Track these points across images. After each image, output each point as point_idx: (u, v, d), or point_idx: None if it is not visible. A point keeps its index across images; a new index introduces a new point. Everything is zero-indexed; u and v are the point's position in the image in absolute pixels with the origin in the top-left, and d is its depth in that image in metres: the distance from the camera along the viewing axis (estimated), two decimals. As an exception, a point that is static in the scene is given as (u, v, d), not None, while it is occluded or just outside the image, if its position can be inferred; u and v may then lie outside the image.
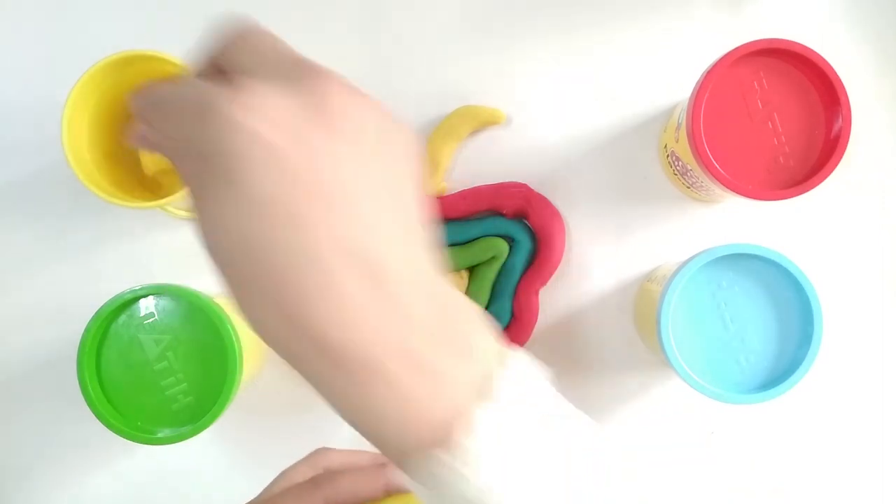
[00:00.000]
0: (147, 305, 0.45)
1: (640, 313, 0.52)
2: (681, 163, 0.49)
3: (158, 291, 0.45)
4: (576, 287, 0.54)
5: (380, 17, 0.54)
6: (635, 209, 0.54)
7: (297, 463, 0.41)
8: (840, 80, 0.43)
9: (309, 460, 0.41)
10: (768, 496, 0.53)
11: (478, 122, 0.53)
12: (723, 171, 0.44)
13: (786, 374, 0.44)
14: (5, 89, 0.54)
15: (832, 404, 0.53)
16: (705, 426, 0.53)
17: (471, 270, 0.53)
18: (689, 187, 0.51)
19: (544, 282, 0.52)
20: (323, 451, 0.42)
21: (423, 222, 0.26)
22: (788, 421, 0.53)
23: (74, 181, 0.45)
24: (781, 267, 0.44)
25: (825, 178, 0.43)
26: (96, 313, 0.45)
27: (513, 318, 0.52)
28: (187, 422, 0.45)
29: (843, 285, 0.53)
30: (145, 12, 0.54)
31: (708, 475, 0.53)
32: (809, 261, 0.46)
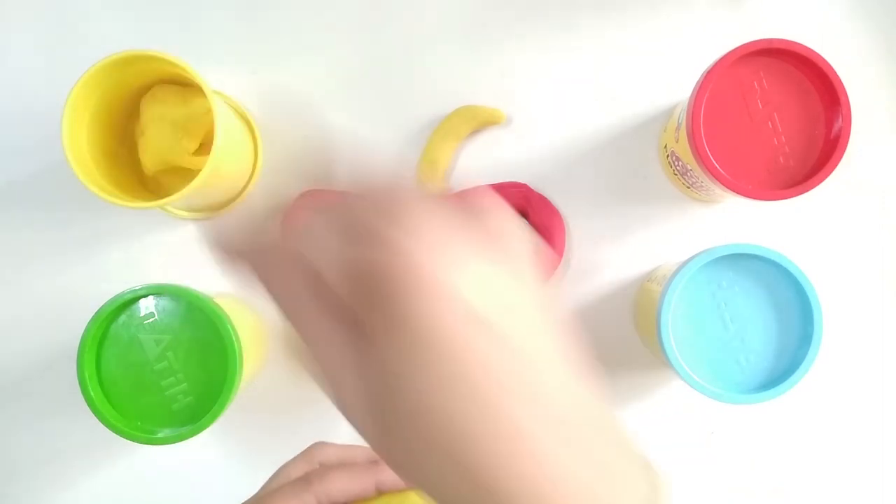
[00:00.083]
0: (147, 305, 0.45)
1: (640, 313, 0.52)
2: (681, 163, 0.49)
3: (158, 291, 0.45)
4: (576, 287, 0.54)
5: (380, 17, 0.54)
6: (635, 209, 0.54)
7: (293, 458, 0.41)
8: (840, 80, 0.43)
9: (305, 455, 0.41)
10: (768, 496, 0.53)
11: (478, 122, 0.53)
12: (723, 171, 0.44)
13: (786, 374, 0.44)
14: (5, 89, 0.54)
15: (832, 404, 0.53)
16: (705, 426, 0.53)
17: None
18: (689, 187, 0.51)
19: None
20: (319, 446, 0.42)
21: (571, 334, 0.24)
22: (788, 421, 0.53)
23: (74, 181, 0.45)
24: (781, 267, 0.44)
25: (825, 178, 0.43)
26: (96, 313, 0.45)
27: (513, 318, 0.52)
28: (187, 422, 0.45)
29: (843, 285, 0.53)
30: (145, 12, 0.54)
31: (708, 475, 0.53)
32: (809, 261, 0.46)
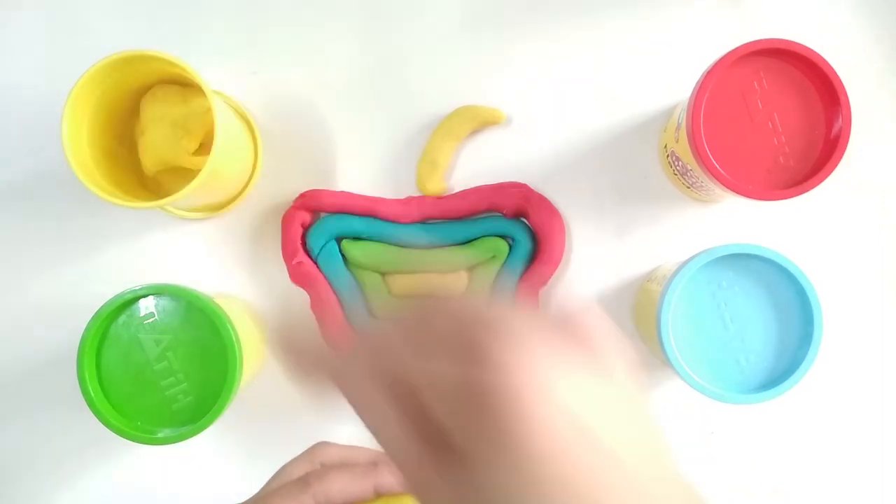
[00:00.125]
0: (147, 305, 0.45)
1: (640, 313, 0.52)
2: (681, 163, 0.49)
3: (158, 291, 0.45)
4: (576, 287, 0.54)
5: (380, 18, 0.54)
6: (635, 209, 0.54)
7: (295, 458, 0.41)
8: (840, 80, 0.43)
9: (307, 455, 0.41)
10: (768, 496, 0.53)
11: (478, 122, 0.53)
12: (723, 171, 0.44)
13: (786, 374, 0.44)
14: (5, 89, 0.54)
15: (832, 404, 0.53)
16: (705, 426, 0.53)
17: (471, 270, 0.53)
18: (689, 187, 0.51)
19: (544, 282, 0.52)
20: (321, 446, 0.42)
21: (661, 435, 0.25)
22: (788, 421, 0.53)
23: (74, 181, 0.45)
24: (781, 267, 0.44)
25: (825, 178, 0.43)
26: (96, 313, 0.45)
27: (513, 318, 0.52)
28: (187, 422, 0.45)
29: (843, 285, 0.53)
30: (145, 12, 0.54)
31: (708, 475, 0.53)
32: (809, 261, 0.46)
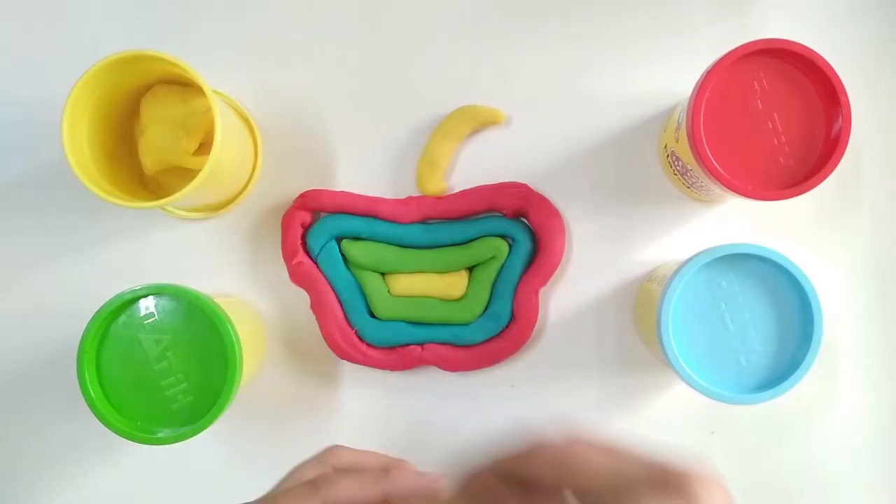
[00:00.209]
0: (147, 305, 0.45)
1: (640, 313, 0.52)
2: (681, 163, 0.49)
3: (158, 291, 0.45)
4: (576, 287, 0.54)
5: (380, 17, 0.54)
6: (635, 209, 0.54)
7: (308, 460, 0.41)
8: (840, 80, 0.43)
9: (319, 458, 0.41)
10: (768, 496, 0.53)
11: (478, 122, 0.53)
12: (723, 171, 0.44)
13: (786, 374, 0.44)
14: (5, 89, 0.54)
15: (832, 404, 0.53)
16: (705, 426, 0.53)
17: (471, 270, 0.53)
18: (689, 187, 0.51)
19: (544, 282, 0.52)
20: (334, 449, 0.42)
21: None
22: (788, 421, 0.53)
23: (74, 181, 0.45)
24: (781, 267, 0.43)
25: (825, 178, 0.43)
26: (96, 313, 0.45)
27: (513, 318, 0.52)
28: (187, 422, 0.45)
29: (843, 285, 0.53)
30: (145, 12, 0.54)
31: (708, 475, 0.53)
32: (809, 261, 0.46)
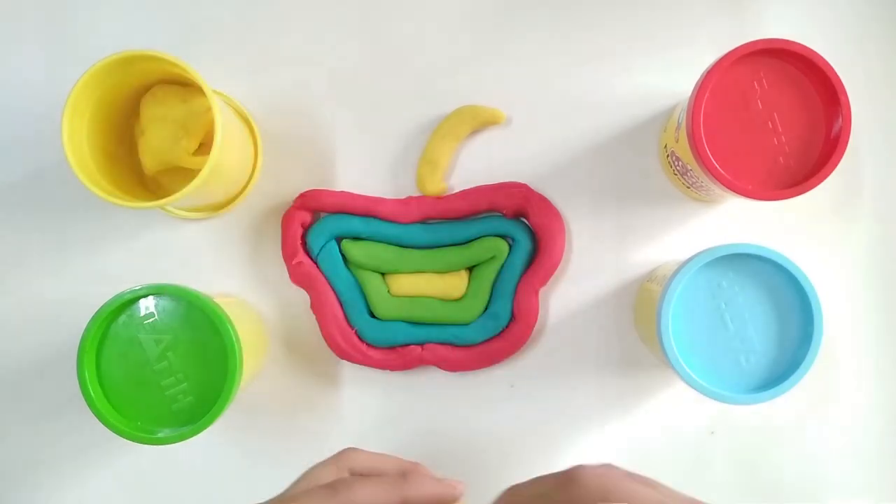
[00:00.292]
0: (147, 305, 0.45)
1: (640, 313, 0.52)
2: (681, 163, 0.49)
3: (158, 291, 0.45)
4: (576, 287, 0.54)
5: (379, 18, 0.54)
6: (635, 209, 0.54)
7: (324, 462, 0.41)
8: (840, 80, 0.43)
9: (335, 460, 0.41)
10: (768, 496, 0.53)
11: (478, 122, 0.53)
12: (723, 171, 0.44)
13: (786, 374, 0.44)
14: (5, 89, 0.54)
15: (832, 404, 0.53)
16: (705, 426, 0.53)
17: (471, 270, 0.53)
18: (689, 187, 0.51)
19: (544, 282, 0.52)
20: (350, 452, 0.41)
21: None
22: (788, 421, 0.53)
23: (74, 181, 0.45)
24: (781, 267, 0.43)
25: (825, 178, 0.43)
26: (96, 313, 0.45)
27: (513, 318, 0.52)
28: (187, 422, 0.45)
29: (843, 285, 0.53)
30: (145, 12, 0.54)
31: (708, 475, 0.53)
32: (809, 261, 0.46)
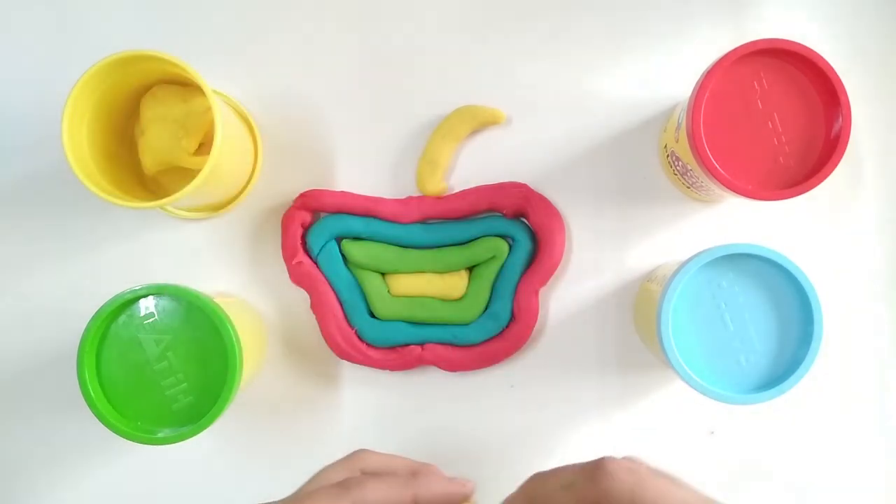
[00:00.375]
0: (147, 305, 0.45)
1: (640, 313, 0.52)
2: (681, 163, 0.49)
3: (158, 291, 0.45)
4: (576, 287, 0.54)
5: (380, 18, 0.54)
6: (635, 209, 0.54)
7: (335, 463, 0.41)
8: (840, 80, 0.43)
9: (347, 461, 0.41)
10: (768, 496, 0.53)
11: (478, 122, 0.53)
12: (723, 171, 0.44)
13: (786, 374, 0.44)
14: (5, 89, 0.54)
15: (832, 404, 0.53)
16: (705, 426, 0.53)
17: (471, 270, 0.53)
18: (689, 187, 0.51)
19: (544, 282, 0.52)
20: (361, 453, 0.41)
21: None
22: (788, 421, 0.53)
23: (74, 181, 0.45)
24: (781, 267, 0.43)
25: (825, 178, 0.43)
26: (96, 313, 0.45)
27: (513, 318, 0.52)
28: (187, 422, 0.45)
29: (843, 285, 0.53)
30: (145, 12, 0.54)
31: (708, 475, 0.53)
32: (809, 261, 0.46)
